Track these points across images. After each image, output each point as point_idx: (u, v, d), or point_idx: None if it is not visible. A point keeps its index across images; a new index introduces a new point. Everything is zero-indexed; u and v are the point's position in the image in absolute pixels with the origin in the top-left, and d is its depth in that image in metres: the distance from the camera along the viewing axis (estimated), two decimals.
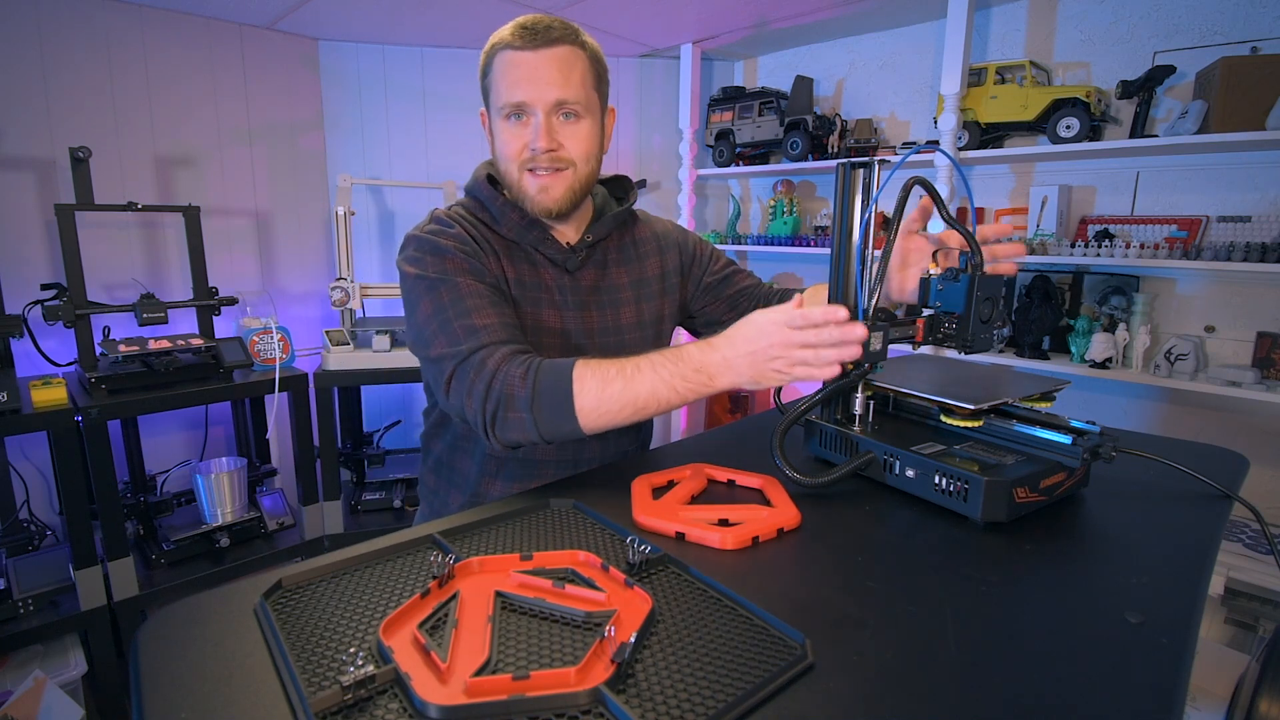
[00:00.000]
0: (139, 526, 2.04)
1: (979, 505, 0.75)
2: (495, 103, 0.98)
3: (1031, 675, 0.52)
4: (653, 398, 0.85)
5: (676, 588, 0.64)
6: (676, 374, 0.84)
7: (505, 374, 0.87)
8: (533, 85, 0.94)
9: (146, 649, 0.55)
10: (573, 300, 1.05)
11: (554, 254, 1.04)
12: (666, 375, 0.84)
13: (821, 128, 2.55)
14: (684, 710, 0.47)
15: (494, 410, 0.87)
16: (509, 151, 0.99)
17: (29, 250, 2.07)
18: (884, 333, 0.85)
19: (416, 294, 0.96)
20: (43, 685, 1.67)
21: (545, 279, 1.04)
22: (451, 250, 0.96)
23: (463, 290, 0.93)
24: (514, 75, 0.95)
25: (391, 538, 0.72)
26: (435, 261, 0.96)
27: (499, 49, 0.96)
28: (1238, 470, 0.96)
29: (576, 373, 0.85)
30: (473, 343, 0.90)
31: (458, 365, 0.90)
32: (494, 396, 0.86)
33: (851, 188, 0.88)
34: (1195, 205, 1.97)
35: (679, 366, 0.84)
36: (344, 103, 2.69)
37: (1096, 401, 2.19)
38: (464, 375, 0.89)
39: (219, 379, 2.02)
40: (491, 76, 0.98)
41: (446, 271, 0.95)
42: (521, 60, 0.94)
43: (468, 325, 0.91)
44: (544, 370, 0.87)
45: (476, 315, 0.92)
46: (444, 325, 0.92)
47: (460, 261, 0.96)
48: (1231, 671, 1.26)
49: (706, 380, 0.84)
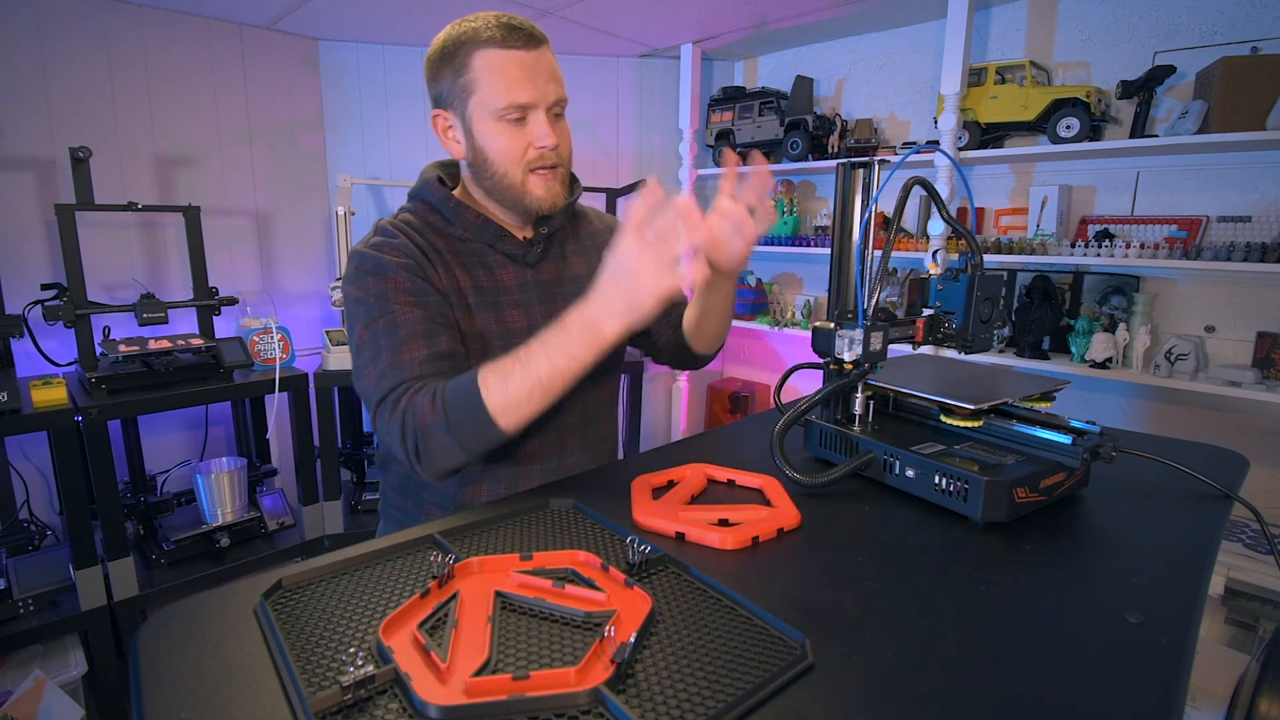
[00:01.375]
0: (139, 526, 2.04)
1: (979, 505, 0.75)
2: (485, 102, 0.94)
3: (1031, 675, 0.52)
4: (554, 371, 0.84)
5: (676, 588, 0.64)
6: (566, 338, 0.83)
7: (414, 408, 0.87)
8: (535, 85, 0.93)
9: (146, 649, 0.55)
10: (537, 295, 1.03)
11: (512, 250, 1.02)
12: (555, 344, 0.84)
13: (821, 128, 2.55)
14: (684, 710, 0.47)
15: (414, 446, 0.87)
16: (512, 153, 0.96)
17: (29, 250, 2.07)
18: (884, 333, 0.85)
19: (354, 318, 0.94)
20: (43, 685, 1.67)
21: (504, 280, 1.01)
22: (393, 267, 0.93)
23: (397, 319, 0.91)
24: (514, 74, 0.93)
25: (391, 538, 0.72)
26: (376, 283, 0.93)
27: (480, 46, 0.92)
28: (1238, 470, 0.96)
29: (480, 379, 0.85)
30: (393, 380, 0.89)
31: (379, 403, 0.90)
32: (410, 433, 0.86)
33: (851, 188, 0.88)
34: (1195, 205, 1.97)
35: (565, 331, 0.84)
36: (344, 103, 2.69)
37: (1096, 401, 2.19)
38: (383, 415, 0.90)
39: (219, 379, 2.02)
40: (473, 75, 0.94)
41: (386, 294, 0.92)
42: (520, 59, 0.93)
43: (395, 360, 0.90)
44: (449, 390, 0.86)
45: (405, 348, 0.90)
46: (374, 357, 0.91)
47: (401, 280, 0.93)
48: (1231, 671, 1.26)
49: (594, 331, 0.83)
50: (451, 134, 1.00)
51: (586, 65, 2.88)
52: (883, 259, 0.84)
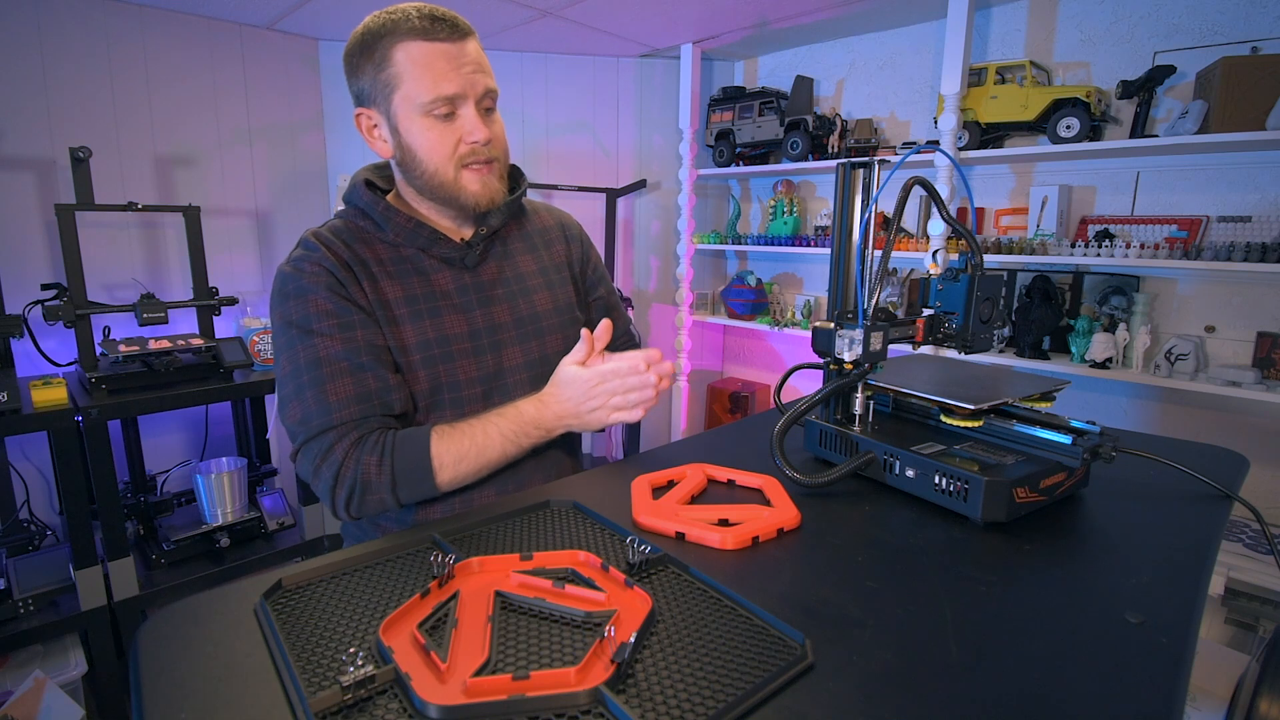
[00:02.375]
0: (139, 526, 2.04)
1: (979, 505, 0.75)
2: (410, 97, 0.90)
3: (1031, 675, 0.52)
4: (504, 456, 0.94)
5: (676, 588, 0.64)
6: (520, 432, 0.94)
7: (357, 461, 0.88)
8: (461, 76, 0.89)
9: (146, 649, 0.55)
10: (476, 298, 1.00)
11: (448, 253, 0.99)
12: (511, 434, 0.94)
13: (821, 128, 2.55)
14: (684, 710, 0.47)
15: (347, 496, 0.88)
16: (442, 150, 0.92)
17: (29, 250, 2.07)
18: (884, 333, 0.85)
19: (277, 344, 0.94)
20: (43, 685, 1.67)
21: (440, 284, 0.98)
22: (314, 290, 0.90)
23: (320, 352, 0.89)
24: (440, 66, 0.88)
25: (391, 538, 0.72)
26: (296, 307, 0.91)
27: (402, 39, 0.88)
28: (1238, 470, 0.96)
29: (434, 451, 0.90)
30: (322, 421, 0.88)
31: (305, 443, 0.90)
32: (346, 484, 0.87)
33: (851, 188, 0.88)
34: (1195, 205, 1.97)
35: (521, 425, 0.94)
36: (344, 103, 2.67)
37: (1096, 401, 2.19)
38: (310, 455, 0.89)
39: (219, 379, 2.01)
40: (395, 70, 0.89)
41: (308, 320, 0.90)
42: (444, 51, 0.89)
43: (320, 397, 0.88)
44: (399, 454, 0.89)
45: (330, 385, 0.88)
46: (297, 391, 0.89)
47: (323, 303, 0.90)
48: (1231, 671, 1.26)
49: (545, 434, 0.96)
50: (377, 133, 0.96)
51: (586, 65, 2.88)
52: (883, 259, 0.84)
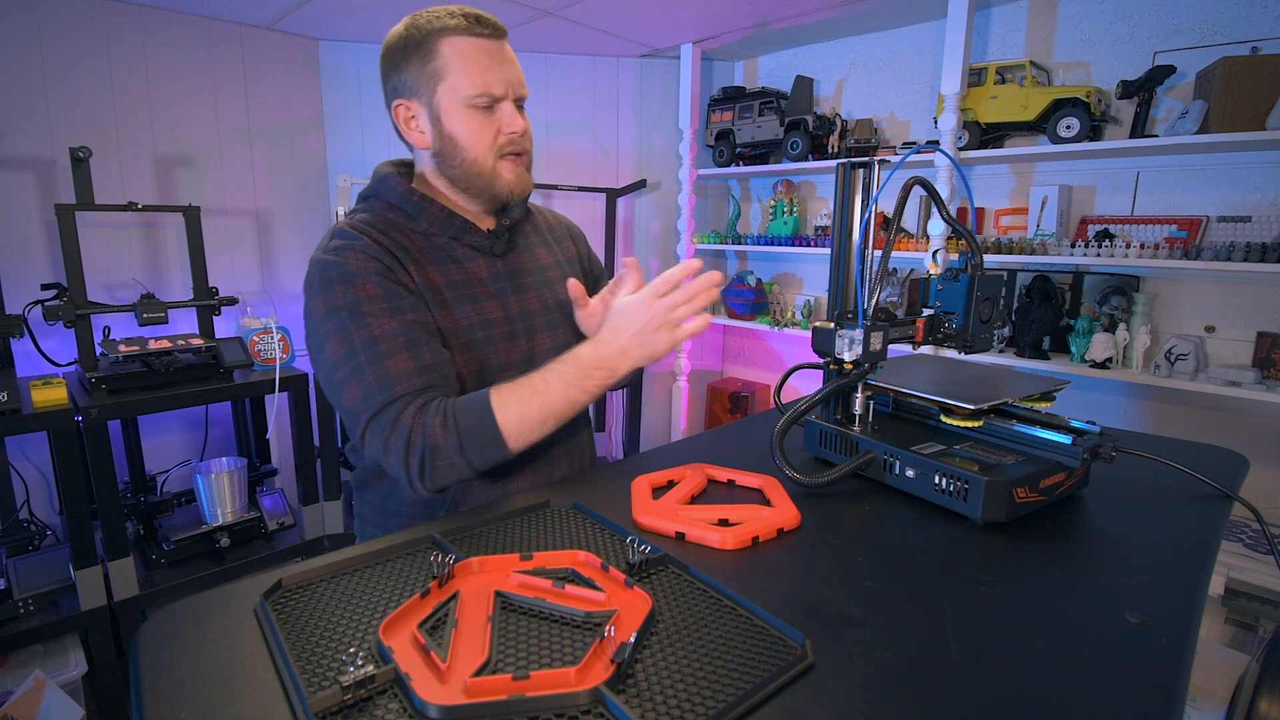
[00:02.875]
0: (139, 526, 2.04)
1: (979, 505, 0.75)
2: (454, 89, 0.93)
3: (1031, 675, 0.52)
4: (569, 404, 0.89)
5: (676, 588, 0.64)
6: (581, 374, 0.89)
7: (424, 426, 0.86)
8: (503, 71, 0.95)
9: (146, 649, 0.55)
10: (510, 285, 1.03)
11: (479, 242, 1.02)
12: (574, 378, 0.89)
13: (822, 128, 2.55)
14: (684, 710, 0.47)
15: (419, 463, 0.86)
16: (483, 139, 0.96)
17: (29, 250, 2.07)
18: (884, 333, 0.85)
19: (324, 331, 0.90)
20: (43, 685, 1.67)
21: (474, 271, 1.00)
22: (362, 274, 0.90)
23: (375, 331, 0.88)
24: (485, 62, 0.93)
25: (391, 538, 0.72)
26: (345, 292, 0.89)
27: (448, 34, 0.92)
28: (1238, 470, 0.96)
29: (495, 405, 0.86)
30: (385, 395, 0.87)
31: (370, 419, 0.87)
32: (417, 451, 0.85)
33: (851, 188, 0.88)
34: (1195, 205, 1.97)
35: (580, 367, 0.89)
36: (344, 103, 2.68)
37: (1096, 401, 2.19)
38: (378, 431, 0.87)
39: (219, 379, 2.01)
40: (440, 63, 0.93)
41: (358, 304, 0.89)
42: (488, 48, 0.94)
43: (380, 373, 0.87)
44: (462, 413, 0.86)
45: (390, 360, 0.88)
46: (355, 372, 0.88)
47: (372, 287, 0.90)
48: (1231, 671, 1.26)
49: (609, 373, 0.90)
50: (414, 124, 0.99)
51: (586, 65, 2.88)
52: (883, 259, 0.84)
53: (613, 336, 0.90)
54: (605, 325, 0.92)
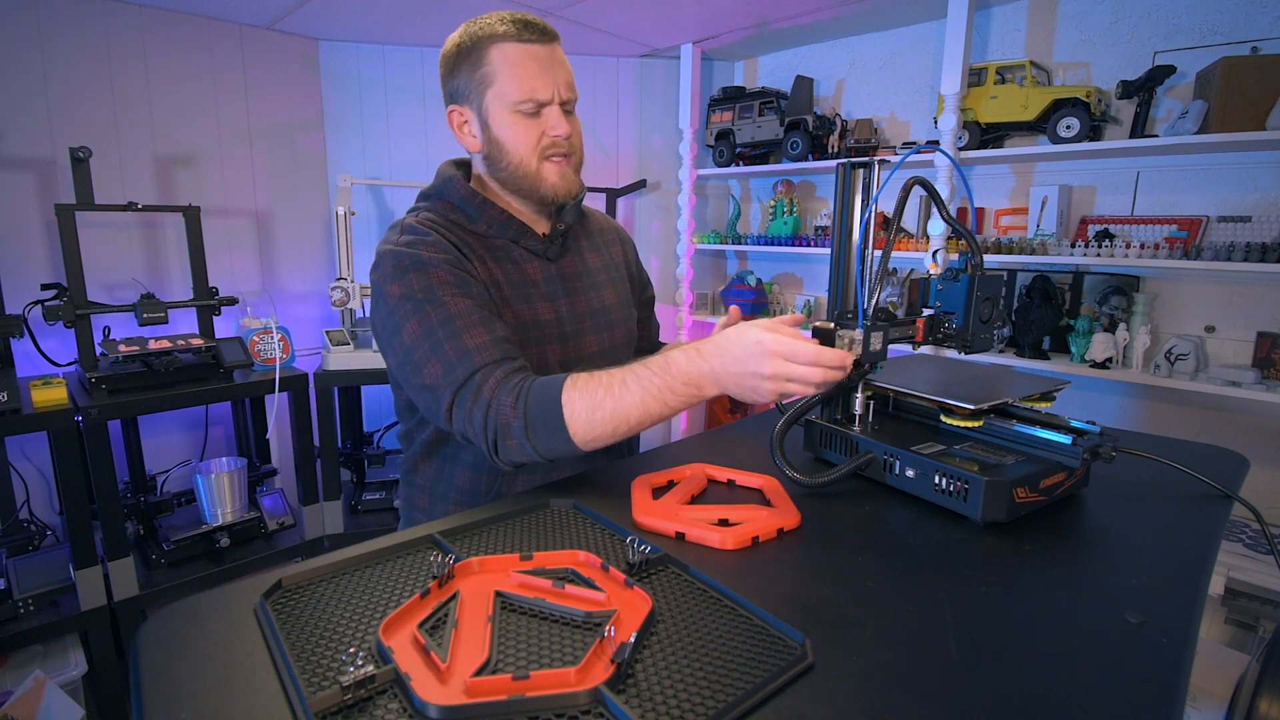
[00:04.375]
0: (139, 526, 2.04)
1: (979, 505, 0.75)
2: (502, 94, 0.96)
3: (1031, 675, 0.52)
4: (644, 413, 0.84)
5: (676, 588, 0.64)
6: (665, 387, 0.83)
7: (498, 403, 0.86)
8: (549, 76, 0.97)
9: (146, 649, 0.55)
10: (562, 289, 1.06)
11: (534, 245, 1.05)
12: (655, 389, 0.83)
13: (821, 128, 2.55)
14: (684, 710, 0.47)
15: (494, 438, 0.87)
16: (528, 142, 0.99)
17: (29, 250, 2.07)
18: (884, 333, 0.85)
19: (402, 314, 0.92)
20: (43, 685, 1.67)
21: (530, 273, 1.04)
22: (435, 262, 0.93)
23: (451, 309, 0.91)
24: (531, 67, 0.96)
25: (391, 538, 0.72)
26: (419, 277, 0.92)
27: (496, 40, 0.95)
28: (1238, 470, 0.96)
29: (565, 397, 0.84)
30: (466, 367, 0.88)
31: (456, 393, 0.88)
32: (491, 425, 0.86)
33: (851, 188, 0.88)
34: (1195, 205, 1.97)
35: (666, 379, 0.83)
36: (344, 103, 2.68)
37: (1096, 401, 2.19)
38: (463, 403, 0.88)
39: (219, 379, 2.02)
40: (490, 69, 0.96)
41: (431, 287, 0.91)
42: (534, 53, 0.96)
43: (459, 347, 0.89)
44: (534, 397, 0.85)
45: (467, 335, 0.89)
46: (435, 348, 0.89)
47: (444, 274, 0.92)
48: (1231, 671, 1.26)
49: (695, 392, 0.83)
50: (467, 129, 1.03)
51: (586, 65, 2.88)
52: (883, 259, 0.84)
53: (713, 356, 0.82)
54: (709, 343, 0.84)
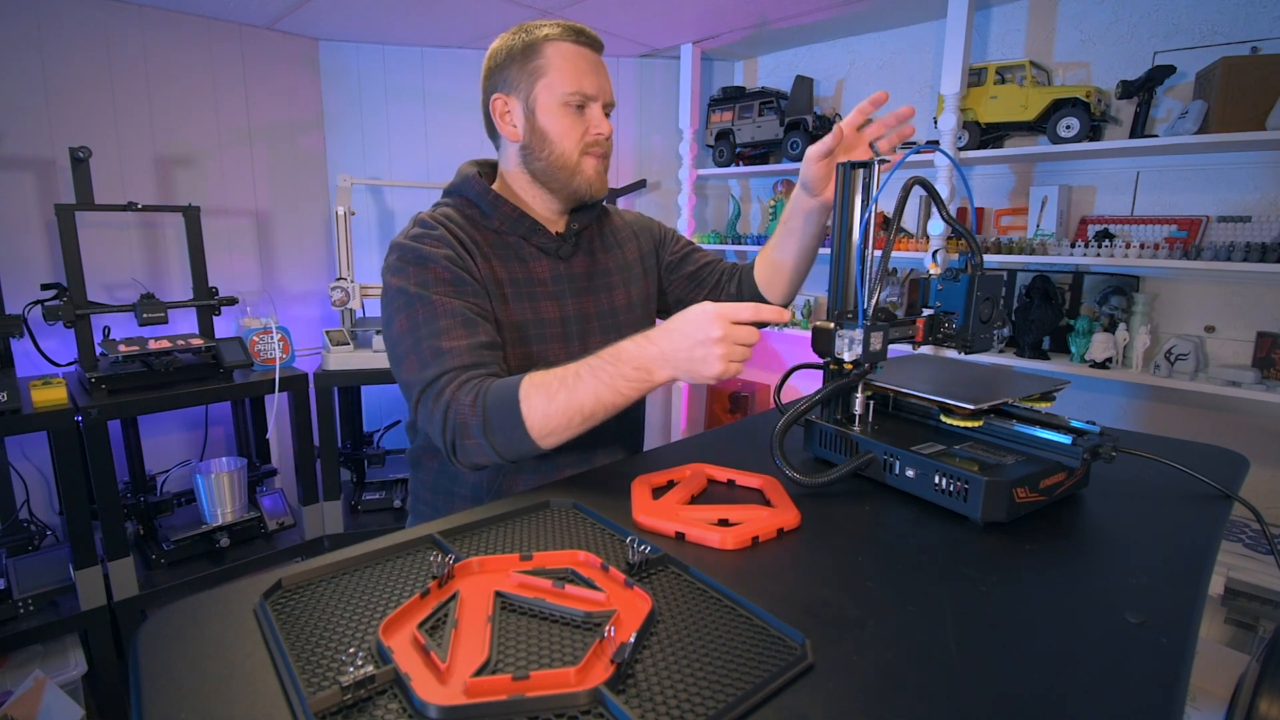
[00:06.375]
0: (139, 526, 2.04)
1: (979, 505, 0.75)
2: (554, 87, 1.00)
3: (1031, 675, 0.52)
4: (597, 403, 0.85)
5: (676, 588, 0.64)
6: (617, 374, 0.85)
7: (457, 403, 0.88)
8: (598, 79, 1.03)
9: (146, 649, 0.55)
10: (569, 288, 1.08)
11: (545, 243, 1.07)
12: (607, 378, 0.85)
13: (822, 128, 2.55)
14: (684, 710, 0.47)
15: (452, 439, 0.88)
16: (573, 135, 1.02)
17: (29, 250, 2.07)
18: (884, 333, 0.85)
19: (395, 307, 0.96)
20: (43, 685, 1.67)
21: (538, 272, 1.06)
22: (435, 258, 0.96)
23: (438, 309, 0.93)
24: (583, 66, 1.01)
25: (391, 538, 0.72)
26: (417, 272, 0.95)
27: (551, 40, 1.00)
28: (1238, 470, 0.96)
29: (522, 392, 0.85)
30: (436, 368, 0.90)
31: (422, 391, 0.91)
32: (450, 426, 0.88)
33: (851, 188, 0.88)
34: (1195, 205, 1.97)
35: (618, 367, 0.85)
36: (344, 103, 2.68)
37: (1096, 401, 2.19)
38: (427, 402, 0.91)
39: (219, 379, 2.01)
40: (544, 62, 1.00)
41: (427, 284, 0.94)
42: (586, 56, 1.02)
43: (435, 347, 0.91)
44: (492, 396, 0.87)
45: (445, 337, 0.92)
46: (415, 345, 0.92)
47: (442, 271, 0.95)
48: (1231, 671, 1.26)
49: (646, 377, 0.85)
50: (509, 117, 1.05)
51: None
52: (883, 259, 0.84)
53: (660, 338, 0.84)
54: (663, 324, 0.86)
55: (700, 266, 1.26)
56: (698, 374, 0.82)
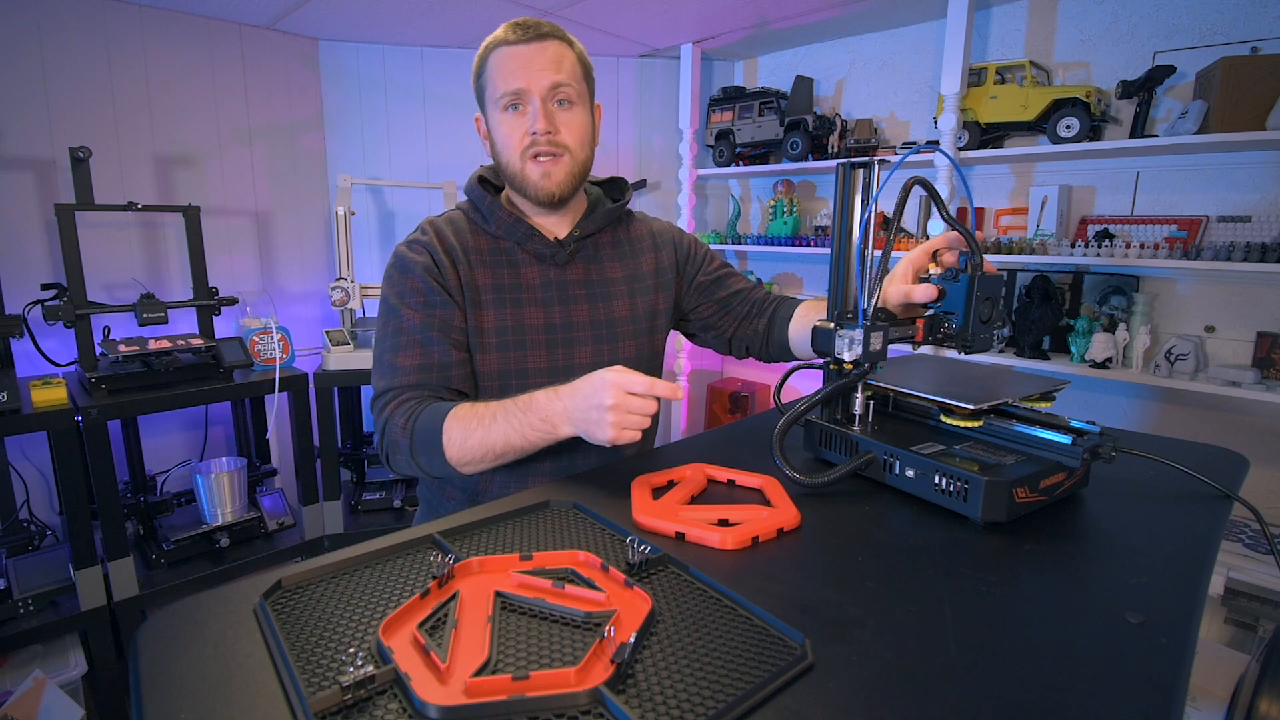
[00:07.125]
0: (139, 526, 2.04)
1: (979, 505, 0.75)
2: (492, 96, 1.01)
3: (1031, 675, 0.52)
4: (507, 445, 0.90)
5: (676, 588, 0.64)
6: (526, 423, 0.89)
7: (393, 421, 0.95)
8: (528, 72, 0.98)
9: (146, 649, 0.55)
10: (557, 295, 1.07)
11: (539, 249, 1.07)
12: (517, 424, 0.89)
13: (821, 128, 2.55)
14: (684, 710, 0.47)
15: (386, 451, 0.97)
16: (511, 141, 1.01)
17: (29, 250, 2.07)
18: (884, 333, 0.85)
19: (379, 312, 1.04)
20: (43, 685, 1.67)
21: (526, 278, 1.06)
22: (414, 267, 1.00)
23: (403, 324, 0.99)
24: (510, 66, 0.98)
25: (391, 538, 0.72)
26: (399, 279, 1.01)
27: (492, 48, 1.00)
28: (1238, 470, 0.96)
29: (445, 425, 0.91)
30: (385, 382, 0.99)
31: (374, 400, 1.01)
32: (386, 440, 0.96)
33: (851, 188, 0.88)
34: (1195, 205, 1.97)
35: (527, 416, 0.89)
36: (344, 103, 2.68)
37: (1096, 401, 2.19)
38: (376, 410, 1.00)
39: (219, 379, 2.02)
40: (487, 75, 1.01)
41: (403, 295, 1.00)
42: (517, 52, 0.99)
43: (390, 363, 0.99)
44: (420, 422, 0.93)
45: (404, 353, 0.98)
46: (379, 355, 1.01)
47: (416, 280, 1.00)
48: (1231, 671, 1.26)
49: (550, 429, 0.88)
50: (484, 134, 1.07)
51: None
52: (883, 259, 0.84)
53: (566, 395, 0.87)
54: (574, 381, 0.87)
55: (732, 293, 1.22)
56: (593, 435, 0.85)
